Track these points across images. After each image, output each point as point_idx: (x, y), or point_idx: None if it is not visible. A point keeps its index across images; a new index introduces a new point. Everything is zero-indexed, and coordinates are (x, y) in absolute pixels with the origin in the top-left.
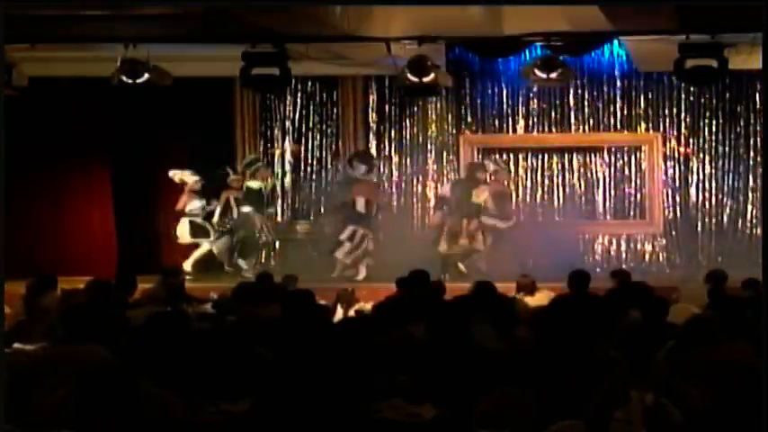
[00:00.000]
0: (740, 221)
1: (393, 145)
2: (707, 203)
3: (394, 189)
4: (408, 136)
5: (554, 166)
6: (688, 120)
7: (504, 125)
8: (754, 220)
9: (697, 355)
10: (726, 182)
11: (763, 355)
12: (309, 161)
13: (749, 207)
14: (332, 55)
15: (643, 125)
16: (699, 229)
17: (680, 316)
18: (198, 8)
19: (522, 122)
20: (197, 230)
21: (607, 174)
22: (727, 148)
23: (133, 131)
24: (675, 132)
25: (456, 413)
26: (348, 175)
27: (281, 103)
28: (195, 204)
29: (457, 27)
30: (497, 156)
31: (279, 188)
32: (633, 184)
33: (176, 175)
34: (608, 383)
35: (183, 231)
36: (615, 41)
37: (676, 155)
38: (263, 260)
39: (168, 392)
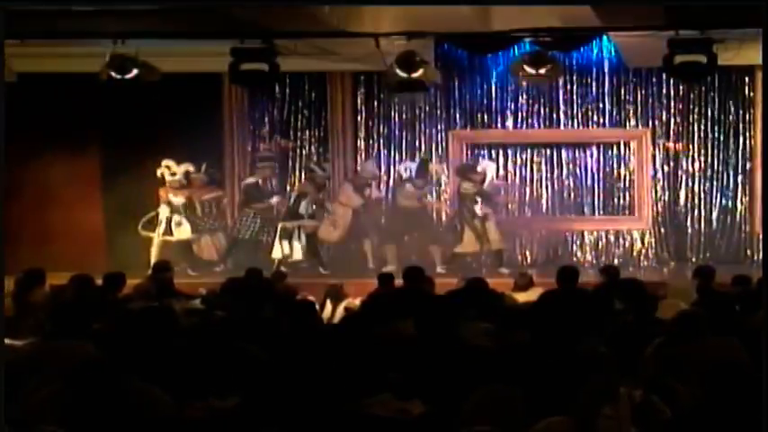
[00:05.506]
0: (729, 217)
1: (382, 141)
2: (695, 199)
3: (382, 186)
4: (397, 132)
5: (543, 161)
6: (677, 116)
7: (493, 121)
8: (742, 216)
9: (686, 352)
10: (715, 178)
11: (763, 354)
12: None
13: (738, 203)
14: (321, 51)
15: (632, 121)
16: (687, 224)
17: (668, 312)
18: (187, 4)
19: (510, 118)
20: None
21: (596, 170)
22: (716, 144)
23: (122, 127)
24: (664, 128)
25: (445, 409)
26: None
27: (269, 99)
28: None
29: (446, 23)
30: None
31: None
32: (622, 179)
33: None
34: (596, 380)
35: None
36: (604, 37)
37: (665, 151)
38: None
39: (156, 388)
